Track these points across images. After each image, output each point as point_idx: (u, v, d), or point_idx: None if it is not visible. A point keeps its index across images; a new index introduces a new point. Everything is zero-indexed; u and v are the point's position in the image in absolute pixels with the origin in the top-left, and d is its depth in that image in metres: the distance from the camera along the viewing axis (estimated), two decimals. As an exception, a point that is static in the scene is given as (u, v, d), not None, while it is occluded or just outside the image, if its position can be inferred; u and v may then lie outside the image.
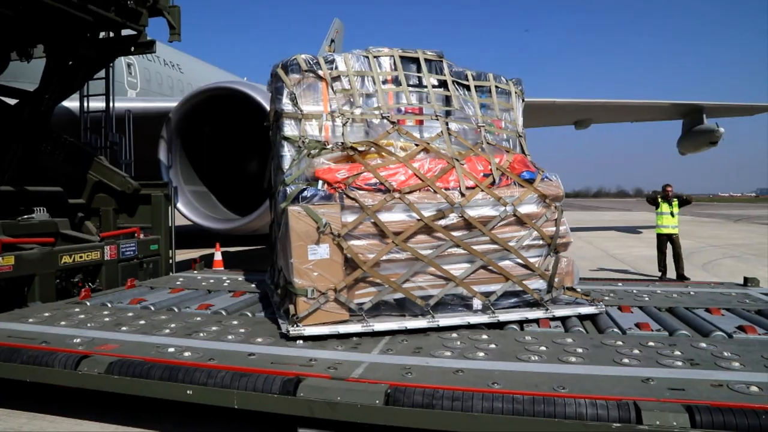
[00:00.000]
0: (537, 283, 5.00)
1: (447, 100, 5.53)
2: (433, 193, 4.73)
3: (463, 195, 4.76)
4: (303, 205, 4.43)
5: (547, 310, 4.85)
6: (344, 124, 5.08)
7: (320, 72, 5.14)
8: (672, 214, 11.11)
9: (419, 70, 5.53)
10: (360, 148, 4.90)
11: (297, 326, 4.25)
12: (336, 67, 5.22)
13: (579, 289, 5.28)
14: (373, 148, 4.96)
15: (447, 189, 4.77)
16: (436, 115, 5.37)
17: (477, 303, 4.75)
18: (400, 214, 4.62)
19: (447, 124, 5.32)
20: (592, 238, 20.85)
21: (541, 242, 5.05)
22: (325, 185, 4.65)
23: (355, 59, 5.33)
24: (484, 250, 4.78)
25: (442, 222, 4.67)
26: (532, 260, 4.97)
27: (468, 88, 5.65)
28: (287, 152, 5.09)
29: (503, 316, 4.72)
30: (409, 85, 5.39)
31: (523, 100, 6.12)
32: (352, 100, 5.18)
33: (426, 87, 5.46)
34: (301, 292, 4.31)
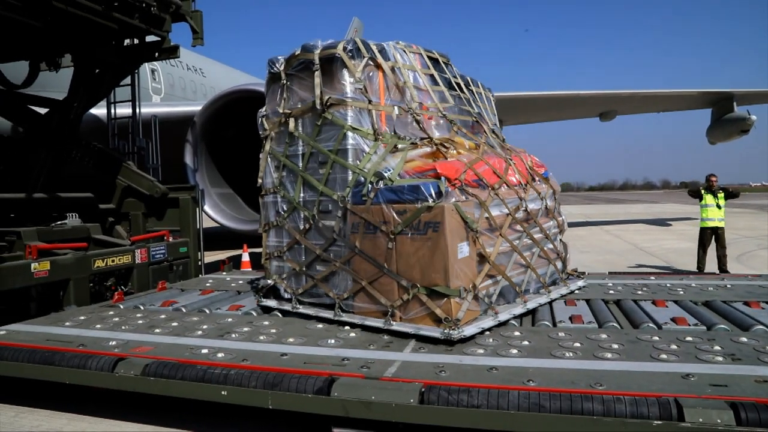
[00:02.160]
0: (559, 264, 5.88)
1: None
2: (507, 188, 4.99)
3: (525, 190, 5.20)
4: (455, 203, 4.20)
5: (567, 286, 5.74)
6: (417, 121, 5.02)
7: (378, 60, 4.90)
8: (718, 206, 10.46)
9: (437, 70, 5.68)
10: (446, 145, 4.89)
11: (459, 329, 4.03)
12: (388, 58, 5.02)
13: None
14: (451, 146, 4.96)
15: (515, 185, 5.14)
16: (476, 119, 5.71)
17: (533, 286, 5.31)
18: (494, 209, 4.74)
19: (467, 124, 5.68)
20: (621, 231, 20.54)
21: (556, 230, 5.88)
22: (446, 182, 4.35)
23: (399, 52, 5.17)
24: (537, 238, 5.39)
25: (518, 215, 5.08)
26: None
27: (471, 92, 6.05)
28: (352, 144, 4.70)
29: (553, 294, 5.41)
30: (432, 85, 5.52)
31: None
32: (408, 94, 5.04)
33: (454, 89, 5.72)
34: (454, 293, 4.11)
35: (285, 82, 5.18)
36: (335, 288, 4.85)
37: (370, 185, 4.48)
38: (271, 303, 5.40)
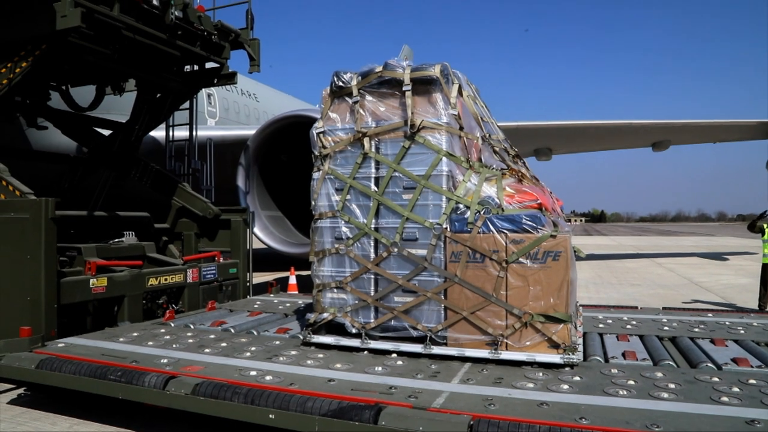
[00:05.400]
0: None
1: None
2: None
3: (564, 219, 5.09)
4: (569, 233, 4.34)
5: None
6: (496, 151, 5.02)
7: (462, 88, 4.82)
8: None
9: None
10: (523, 175, 4.92)
11: (577, 353, 4.24)
12: (464, 87, 4.89)
13: None
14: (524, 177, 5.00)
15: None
16: (517, 152, 5.60)
17: None
18: None
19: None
20: (674, 265, 19.82)
21: None
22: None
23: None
24: None
25: None
26: None
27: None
28: (446, 171, 4.59)
29: None
30: None
31: None
32: (479, 123, 5.00)
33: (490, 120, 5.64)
34: (570, 318, 4.24)
35: (357, 98, 4.92)
36: (423, 320, 4.61)
37: (477, 213, 4.45)
38: (327, 339, 4.90)
